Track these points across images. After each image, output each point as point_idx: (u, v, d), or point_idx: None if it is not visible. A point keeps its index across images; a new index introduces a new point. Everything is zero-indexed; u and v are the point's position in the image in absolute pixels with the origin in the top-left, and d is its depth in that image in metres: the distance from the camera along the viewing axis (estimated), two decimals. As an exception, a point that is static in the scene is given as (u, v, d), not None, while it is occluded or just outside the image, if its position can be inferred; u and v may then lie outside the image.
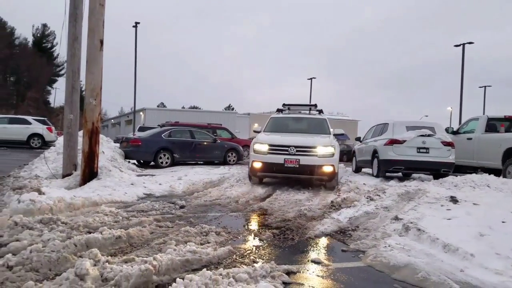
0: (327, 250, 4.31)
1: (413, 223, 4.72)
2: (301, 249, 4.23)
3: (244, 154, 16.47)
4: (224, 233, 4.63)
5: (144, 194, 7.54)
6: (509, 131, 10.55)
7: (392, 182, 9.33)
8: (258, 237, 4.60)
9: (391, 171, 10.55)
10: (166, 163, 13.45)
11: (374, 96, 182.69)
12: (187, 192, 8.21)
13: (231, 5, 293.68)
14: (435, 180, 8.87)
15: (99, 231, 4.21)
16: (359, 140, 13.71)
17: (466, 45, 31.10)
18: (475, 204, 5.94)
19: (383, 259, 3.73)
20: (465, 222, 4.84)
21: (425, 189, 7.30)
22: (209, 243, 4.16)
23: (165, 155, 13.50)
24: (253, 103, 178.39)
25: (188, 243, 3.93)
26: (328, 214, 5.95)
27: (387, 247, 4.07)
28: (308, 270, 3.52)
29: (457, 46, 31.57)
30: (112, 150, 11.17)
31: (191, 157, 14.59)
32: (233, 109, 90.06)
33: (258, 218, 5.88)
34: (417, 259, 3.67)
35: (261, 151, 8.37)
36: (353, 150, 14.05)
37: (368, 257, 3.87)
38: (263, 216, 5.98)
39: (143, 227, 4.67)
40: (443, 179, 8.36)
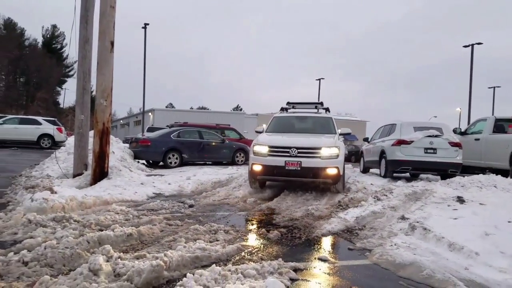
0: (333, 248, 4.39)
1: (419, 223, 4.77)
2: (308, 247, 4.31)
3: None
4: (232, 232, 4.72)
5: (153, 193, 7.68)
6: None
7: (399, 182, 9.33)
8: (266, 236, 4.68)
9: (398, 171, 10.54)
10: (175, 163, 13.55)
11: (383, 97, 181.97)
12: (196, 191, 8.32)
13: (237, 4, 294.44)
14: (442, 180, 8.85)
15: (110, 229, 4.34)
16: (367, 140, 13.69)
17: (475, 46, 30.81)
18: (481, 204, 5.95)
19: (388, 257, 3.80)
20: (471, 221, 4.87)
21: (432, 189, 7.31)
22: (218, 241, 4.26)
23: (174, 155, 13.60)
24: (261, 103, 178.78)
25: (197, 241, 4.04)
26: (335, 213, 6.01)
27: (393, 245, 4.14)
28: (314, 267, 3.60)
29: (465, 46, 31.22)
30: (121, 150, 11.31)
31: (200, 157, 14.68)
32: (241, 109, 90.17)
33: (266, 217, 5.96)
34: (423, 258, 3.73)
35: (261, 153, 7.76)
36: (361, 150, 14.05)
37: (374, 255, 3.94)
38: (270, 215, 6.07)
39: (153, 225, 4.79)
40: (450, 179, 8.35)
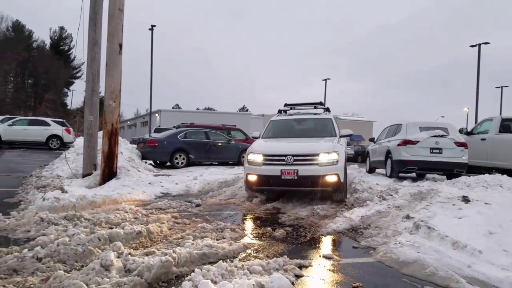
0: (338, 246, 4.46)
1: (423, 222, 4.82)
2: (313, 245, 4.38)
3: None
4: (238, 230, 4.82)
5: (161, 193, 7.82)
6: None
7: (405, 182, 9.36)
8: (271, 234, 4.76)
9: (404, 171, 10.57)
10: (181, 163, 13.69)
11: (390, 97, 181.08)
12: (203, 191, 8.43)
13: (245, 4, 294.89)
14: (448, 180, 8.88)
15: (120, 227, 4.46)
16: (373, 141, 13.73)
17: (482, 46, 30.62)
18: (486, 203, 5.97)
19: (392, 255, 3.86)
20: (475, 221, 4.90)
21: (437, 189, 7.34)
22: (224, 238, 4.36)
23: (180, 156, 13.74)
24: (267, 104, 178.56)
25: (204, 238, 4.15)
26: (340, 213, 6.08)
27: (397, 244, 4.20)
28: (319, 264, 3.67)
29: (472, 46, 31.05)
30: (129, 151, 11.46)
31: (206, 157, 14.81)
32: (247, 110, 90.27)
33: (271, 216, 6.04)
34: (426, 256, 3.79)
35: (255, 162, 7.16)
36: (367, 150, 14.09)
37: (378, 253, 4.01)
38: (276, 214, 6.15)
39: (162, 223, 4.90)
40: (456, 179, 8.36)
